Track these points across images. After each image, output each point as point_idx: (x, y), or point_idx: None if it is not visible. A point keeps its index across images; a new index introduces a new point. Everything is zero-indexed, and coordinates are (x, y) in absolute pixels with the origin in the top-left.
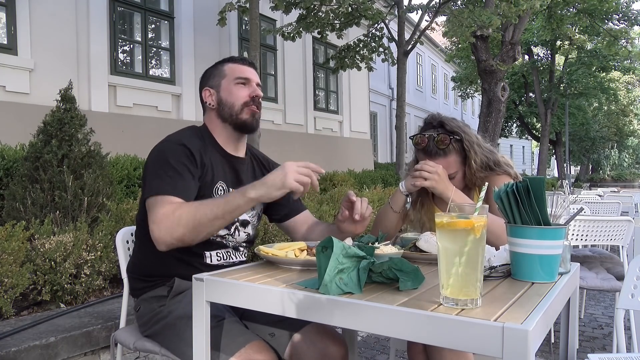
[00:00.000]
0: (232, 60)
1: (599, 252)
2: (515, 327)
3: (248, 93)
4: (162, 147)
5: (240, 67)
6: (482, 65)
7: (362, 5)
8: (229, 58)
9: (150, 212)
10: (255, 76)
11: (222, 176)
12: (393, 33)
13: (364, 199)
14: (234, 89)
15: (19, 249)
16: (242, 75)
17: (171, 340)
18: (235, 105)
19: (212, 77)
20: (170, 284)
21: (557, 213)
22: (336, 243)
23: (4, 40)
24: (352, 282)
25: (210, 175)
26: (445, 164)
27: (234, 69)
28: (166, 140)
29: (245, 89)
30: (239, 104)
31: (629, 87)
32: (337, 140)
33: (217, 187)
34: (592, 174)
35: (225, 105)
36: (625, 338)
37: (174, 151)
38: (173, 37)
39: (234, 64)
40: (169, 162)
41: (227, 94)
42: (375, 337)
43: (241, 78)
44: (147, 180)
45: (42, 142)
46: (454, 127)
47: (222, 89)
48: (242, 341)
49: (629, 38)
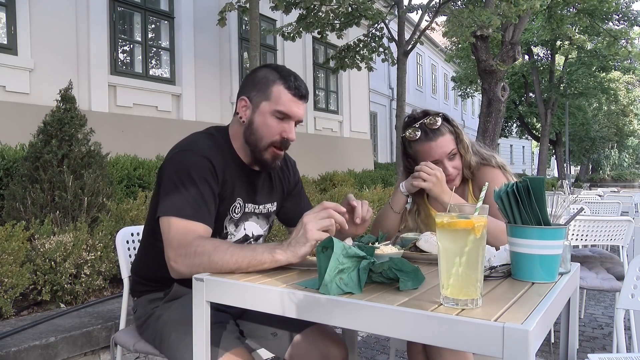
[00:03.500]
0: (285, 82)
1: (599, 252)
2: (515, 327)
3: (281, 131)
4: (185, 158)
5: (290, 97)
6: (482, 65)
7: (362, 5)
8: (285, 77)
9: (166, 233)
10: (302, 112)
11: (240, 192)
12: (393, 33)
13: (364, 201)
14: (270, 120)
15: (19, 249)
16: (286, 111)
17: (162, 341)
18: (262, 140)
19: (256, 87)
20: (169, 289)
21: (557, 213)
22: (336, 243)
23: (4, 40)
24: (352, 282)
25: (230, 192)
26: (445, 143)
27: (282, 97)
28: (189, 148)
29: (280, 126)
30: (267, 141)
31: (629, 87)
32: (337, 140)
33: (235, 205)
34: (592, 174)
35: (254, 132)
36: (625, 338)
37: (197, 165)
38: (173, 37)
39: (286, 89)
40: (192, 179)
41: (260, 121)
42: (375, 337)
43: (283, 113)
44: (165, 193)
45: (42, 142)
46: (437, 112)
47: (259, 111)
48: (221, 347)
49: (628, 38)
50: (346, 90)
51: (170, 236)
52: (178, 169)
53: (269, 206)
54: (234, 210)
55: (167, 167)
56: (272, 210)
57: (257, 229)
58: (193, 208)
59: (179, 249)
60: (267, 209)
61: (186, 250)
